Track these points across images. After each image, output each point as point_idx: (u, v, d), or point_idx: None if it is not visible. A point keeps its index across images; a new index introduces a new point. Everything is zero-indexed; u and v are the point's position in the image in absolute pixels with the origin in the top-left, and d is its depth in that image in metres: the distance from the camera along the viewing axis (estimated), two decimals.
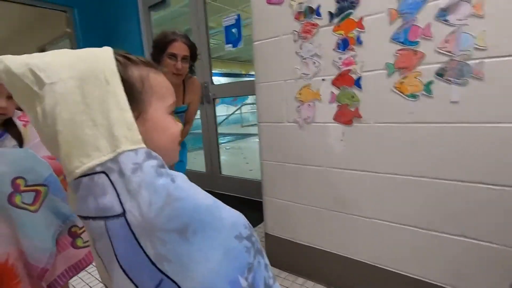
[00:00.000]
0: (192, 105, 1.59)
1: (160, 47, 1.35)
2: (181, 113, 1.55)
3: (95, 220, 0.37)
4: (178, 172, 0.41)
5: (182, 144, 1.65)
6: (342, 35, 1.11)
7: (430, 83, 0.96)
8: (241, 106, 10.17)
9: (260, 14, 1.34)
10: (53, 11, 3.17)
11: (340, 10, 1.10)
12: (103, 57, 0.41)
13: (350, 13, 1.08)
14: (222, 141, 6.61)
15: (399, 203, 1.10)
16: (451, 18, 0.89)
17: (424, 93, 0.98)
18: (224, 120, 8.83)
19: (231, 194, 2.70)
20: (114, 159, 0.37)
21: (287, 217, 1.45)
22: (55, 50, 0.41)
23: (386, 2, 1.00)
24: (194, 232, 0.37)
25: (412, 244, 1.09)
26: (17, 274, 0.72)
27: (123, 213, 0.36)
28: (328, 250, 1.33)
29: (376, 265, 1.20)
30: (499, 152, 0.89)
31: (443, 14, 0.90)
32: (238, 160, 4.37)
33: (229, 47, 2.40)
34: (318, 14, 1.16)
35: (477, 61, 0.87)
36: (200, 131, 2.89)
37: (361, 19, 1.06)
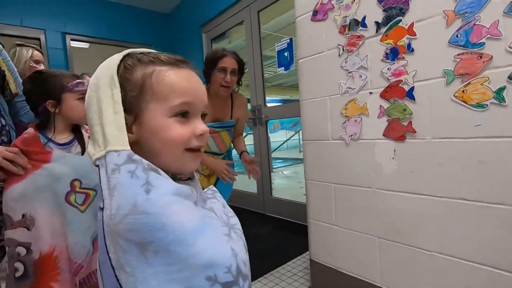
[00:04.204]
0: (241, 120, 1.65)
1: (212, 62, 1.44)
2: (229, 127, 1.58)
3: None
4: (169, 183, 0.39)
5: (228, 157, 1.68)
6: (391, 44, 1.03)
7: (502, 89, 0.80)
8: (299, 131, 10.10)
9: (304, 32, 1.34)
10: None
11: (388, 19, 1.03)
12: (114, 63, 0.43)
13: (399, 21, 1.00)
14: (279, 165, 6.61)
15: (469, 235, 0.90)
16: None
17: (495, 101, 0.82)
18: (281, 145, 8.85)
19: (282, 218, 2.61)
20: (104, 157, 0.39)
21: (333, 243, 1.32)
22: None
23: (441, 3, 0.90)
24: (155, 253, 0.35)
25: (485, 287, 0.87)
26: (58, 266, 0.80)
27: (102, 208, 0.37)
28: (378, 285, 1.15)
29: None
30: None
31: None
32: (293, 184, 4.27)
33: (281, 69, 2.44)
34: (364, 25, 1.10)
35: None
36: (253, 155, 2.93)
37: (411, 25, 0.97)
